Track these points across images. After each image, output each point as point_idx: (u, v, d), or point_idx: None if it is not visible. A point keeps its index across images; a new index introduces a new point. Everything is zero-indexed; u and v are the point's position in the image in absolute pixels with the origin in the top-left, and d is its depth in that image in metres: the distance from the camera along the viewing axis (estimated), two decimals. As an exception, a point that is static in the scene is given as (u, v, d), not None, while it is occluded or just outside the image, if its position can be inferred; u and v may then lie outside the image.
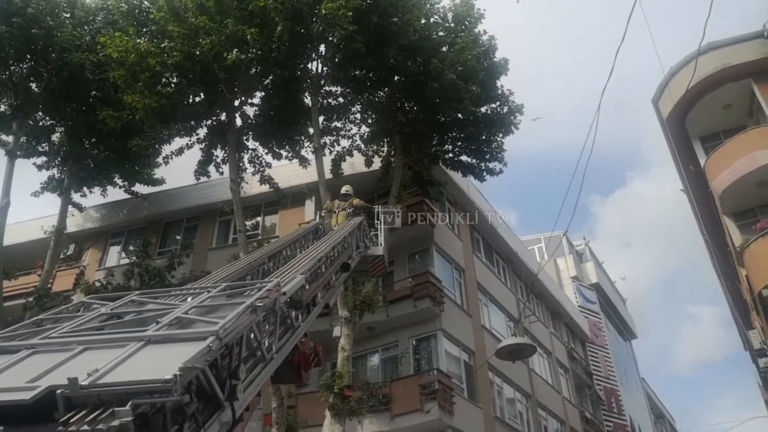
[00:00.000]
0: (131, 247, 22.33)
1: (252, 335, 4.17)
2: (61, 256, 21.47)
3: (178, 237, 23.22)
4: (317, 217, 14.89)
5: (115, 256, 23.67)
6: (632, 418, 35.30)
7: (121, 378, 2.72)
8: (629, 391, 37.88)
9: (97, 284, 15.46)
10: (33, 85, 18.07)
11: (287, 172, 20.35)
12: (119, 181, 21.01)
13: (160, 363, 2.78)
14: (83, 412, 2.50)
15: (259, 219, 21.87)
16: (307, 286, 5.78)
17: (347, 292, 14.36)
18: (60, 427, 2.42)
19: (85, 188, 20.50)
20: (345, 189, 12.03)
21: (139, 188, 21.64)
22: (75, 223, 22.90)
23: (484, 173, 18.62)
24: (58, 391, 2.57)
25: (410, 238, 19.37)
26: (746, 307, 25.05)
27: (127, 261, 20.20)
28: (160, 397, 2.63)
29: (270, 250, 6.99)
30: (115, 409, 2.49)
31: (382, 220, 11.12)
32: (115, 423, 2.42)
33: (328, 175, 17.13)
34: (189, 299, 4.21)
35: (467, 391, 19.30)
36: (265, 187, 18.91)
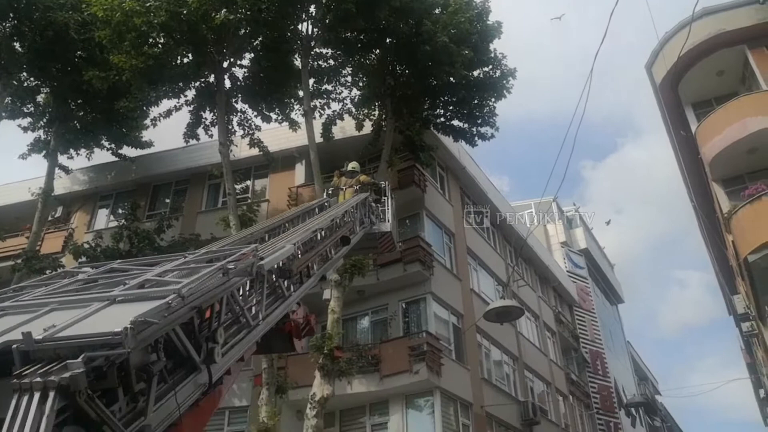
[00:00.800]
0: (120, 210, 22.21)
1: (233, 300, 4.16)
2: (49, 219, 21.35)
3: (167, 200, 23.10)
4: (321, 192, 14.88)
5: (103, 218, 23.56)
6: (616, 380, 36.06)
7: (77, 333, 2.76)
8: (614, 353, 38.60)
9: (86, 246, 15.41)
10: (16, 45, 17.67)
11: (277, 136, 20.18)
12: (106, 144, 20.77)
13: (117, 319, 2.80)
14: (38, 366, 2.55)
15: (248, 183, 21.77)
16: (299, 256, 5.76)
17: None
18: (14, 380, 2.46)
19: (72, 150, 20.27)
20: (351, 165, 11.95)
21: (127, 151, 21.43)
22: (63, 185, 22.70)
23: (476, 138, 18.56)
24: (14, 346, 2.63)
25: (401, 203, 19.32)
26: (732, 273, 25.43)
27: (115, 224, 20.12)
28: (111, 349, 2.67)
29: (270, 225, 6.94)
30: (68, 361, 2.53)
31: (390, 196, 11.00)
32: (66, 375, 2.46)
33: (318, 139, 17.02)
34: (168, 266, 4.18)
35: (455, 353, 19.61)
36: (255, 151, 18.76)
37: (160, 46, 15.50)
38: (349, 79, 18.79)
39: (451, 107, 18.56)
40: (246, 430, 16.50)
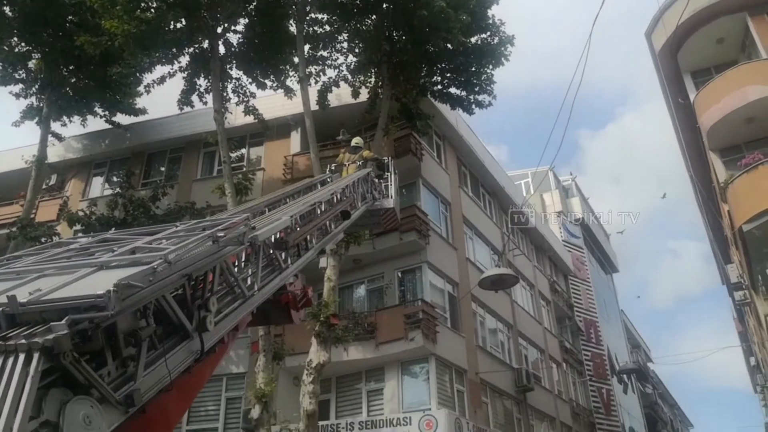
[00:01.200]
0: (115, 178, 22.07)
1: (226, 270, 4.19)
2: (44, 187, 21.23)
3: (162, 168, 22.96)
4: (317, 160, 14.65)
5: (98, 186, 23.45)
6: (609, 348, 36.52)
7: (62, 296, 2.78)
8: (608, 322, 39.02)
9: (80, 214, 15.35)
10: (6, 9, 17.32)
11: (272, 103, 19.96)
12: (100, 111, 20.53)
13: (103, 284, 2.81)
14: (23, 328, 2.59)
15: (243, 151, 21.63)
16: (298, 229, 5.76)
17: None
18: (0, 342, 2.50)
19: (65, 117, 20.06)
20: (355, 141, 11.88)
21: (121, 118, 21.20)
22: (56, 153, 22.52)
23: (473, 106, 18.37)
24: (0, 309, 2.66)
25: (397, 170, 19.28)
26: (726, 243, 25.57)
27: (110, 192, 20.02)
28: (95, 312, 2.69)
29: (270, 199, 6.92)
30: (52, 324, 2.56)
31: (393, 172, 10.90)
32: (50, 336, 2.48)
33: (313, 107, 16.85)
34: (160, 235, 4.17)
35: (450, 320, 19.78)
36: (250, 118, 18.57)
37: (152, 10, 15.20)
38: (345, 45, 18.49)
39: (448, 74, 18.34)
40: (243, 396, 16.70)
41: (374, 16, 17.19)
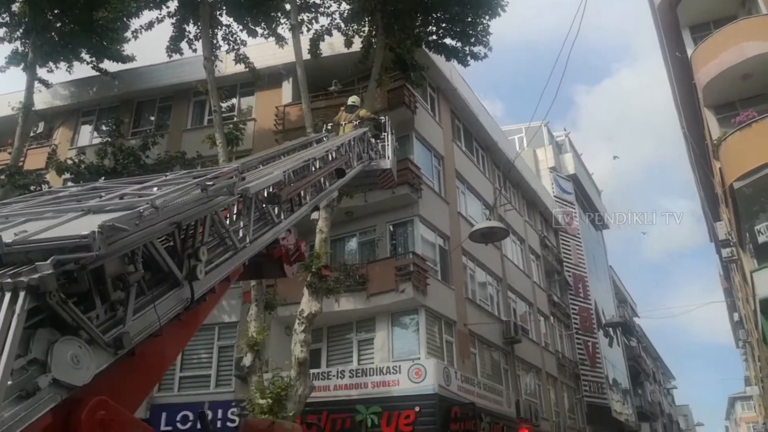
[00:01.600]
0: (104, 127, 21.78)
1: (218, 221, 4.24)
2: (31, 134, 20.91)
3: (152, 117, 22.65)
4: (309, 111, 14.39)
5: (87, 135, 23.14)
6: (597, 302, 37.13)
7: (48, 237, 2.81)
8: (596, 277, 39.55)
9: (69, 162, 15.16)
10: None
11: (263, 52, 19.54)
12: (86, 57, 20.03)
13: (89, 226, 2.84)
14: (9, 268, 2.62)
15: (234, 101, 21.31)
16: (291, 184, 5.76)
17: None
18: None
19: (51, 63, 19.56)
20: (352, 100, 11.67)
21: (108, 65, 20.69)
22: (43, 100, 22.09)
23: (468, 57, 18.06)
24: None
25: (390, 123, 19.09)
26: (716, 201, 25.75)
27: (99, 140, 19.77)
28: (80, 253, 2.73)
29: (265, 155, 6.89)
30: (37, 263, 2.58)
31: (390, 132, 10.75)
32: (36, 276, 2.52)
33: (305, 56, 16.50)
34: (149, 183, 4.21)
35: (441, 273, 19.97)
36: (241, 67, 18.19)
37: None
38: (338, -9, 18.02)
39: (443, 24, 17.95)
40: (235, 344, 16.93)
41: (368, -38, 16.70)
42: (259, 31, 17.93)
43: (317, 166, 6.78)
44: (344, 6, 18.11)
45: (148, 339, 3.48)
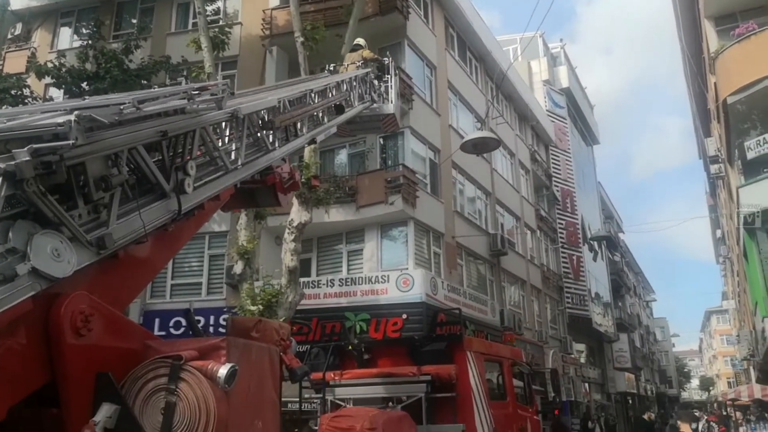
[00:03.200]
0: (83, 30, 20.87)
1: (207, 137, 4.25)
2: (9, 37, 20.09)
3: (134, 20, 21.69)
4: (297, 15, 13.63)
5: (66, 37, 22.23)
6: (583, 218, 37.63)
7: (26, 126, 2.82)
8: (584, 193, 39.88)
9: (50, 65, 14.65)
10: None
11: (250, -49, 18.55)
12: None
13: (69, 119, 2.82)
14: None
15: (219, 4, 20.39)
16: (286, 112, 5.68)
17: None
18: None
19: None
20: (356, 41, 11.33)
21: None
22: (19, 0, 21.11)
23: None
24: None
25: (382, 30, 18.48)
26: (708, 117, 25.61)
27: (80, 43, 19.02)
28: (57, 141, 2.74)
29: (260, 88, 6.71)
30: (14, 151, 2.59)
31: (393, 74, 10.37)
32: (12, 163, 2.54)
33: (294, -45, 15.66)
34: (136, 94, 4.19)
35: (430, 186, 20.00)
36: (226, -33, 17.34)
37: None
38: None
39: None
40: (226, 253, 17.12)
41: None
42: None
43: (315, 100, 6.66)
44: None
45: (134, 245, 3.54)
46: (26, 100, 14.31)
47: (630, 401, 48.45)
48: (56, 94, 17.56)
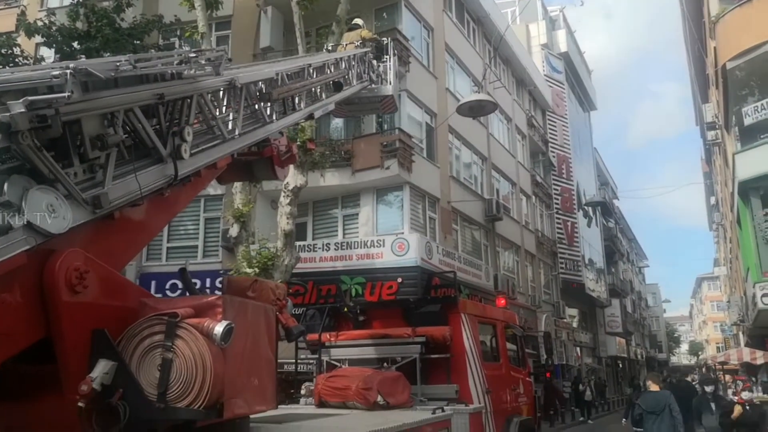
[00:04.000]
0: (73, -13, 20.43)
1: (204, 104, 4.30)
2: (-3, -6, 19.65)
3: (126, -22, 21.21)
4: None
5: (56, -4, 21.77)
6: (579, 184, 37.67)
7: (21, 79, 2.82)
8: (580, 159, 39.82)
9: (40, 24, 14.34)
10: None
11: None
12: None
13: (65, 71, 2.83)
14: None
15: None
16: (284, 87, 5.68)
17: (309, 45, 13.77)
18: None
19: None
20: (355, 21, 11.13)
21: None
22: (7, -45, 20.58)
23: None
24: None
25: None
26: (707, 83, 25.42)
27: (70, 1, 18.62)
28: (53, 94, 2.74)
29: (261, 63, 6.64)
30: (9, 102, 2.59)
31: (391, 54, 10.18)
32: (7, 114, 2.55)
33: None
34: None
35: (427, 151, 19.92)
36: None
37: None
38: None
39: None
40: (221, 216, 17.09)
41: None
42: None
43: (313, 75, 6.63)
44: None
45: (130, 208, 3.56)
46: (16, 60, 14.04)
47: (620, 365, 49.31)
48: (47, 53, 17.26)
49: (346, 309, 8.42)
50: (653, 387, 9.92)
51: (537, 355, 18.53)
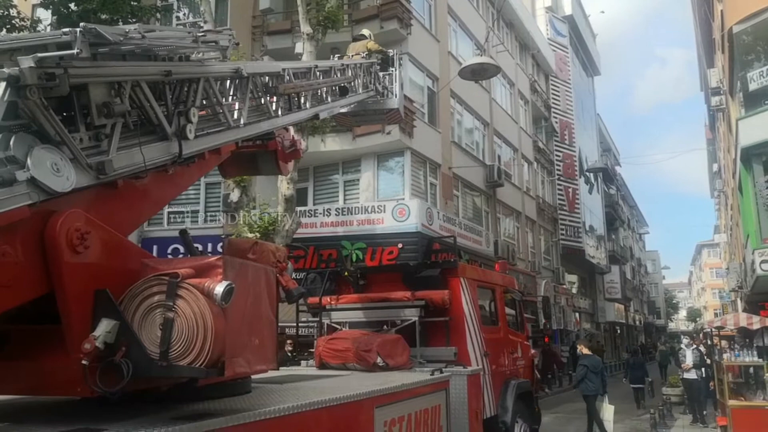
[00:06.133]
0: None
1: (210, 89, 4.37)
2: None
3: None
4: None
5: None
6: (581, 150, 37.48)
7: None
8: (583, 125, 39.54)
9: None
10: None
11: None
12: None
13: (75, 30, 2.94)
14: None
15: None
16: (290, 83, 5.70)
17: (310, 6, 13.55)
18: None
19: None
20: (361, 32, 10.87)
21: None
22: None
23: None
24: None
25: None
26: (713, 48, 25.07)
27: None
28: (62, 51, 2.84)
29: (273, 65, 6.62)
30: (20, 57, 2.67)
31: (398, 66, 9.99)
32: (16, 68, 2.63)
33: None
34: None
35: (428, 116, 19.79)
36: None
37: None
38: None
39: None
40: (222, 181, 17.05)
41: None
42: None
43: (320, 78, 6.66)
44: None
45: (133, 179, 3.66)
46: (13, 21, 13.85)
47: (618, 330, 49.82)
48: (44, 15, 17.02)
49: (346, 273, 8.47)
50: (586, 351, 12.33)
51: (536, 320, 18.72)
